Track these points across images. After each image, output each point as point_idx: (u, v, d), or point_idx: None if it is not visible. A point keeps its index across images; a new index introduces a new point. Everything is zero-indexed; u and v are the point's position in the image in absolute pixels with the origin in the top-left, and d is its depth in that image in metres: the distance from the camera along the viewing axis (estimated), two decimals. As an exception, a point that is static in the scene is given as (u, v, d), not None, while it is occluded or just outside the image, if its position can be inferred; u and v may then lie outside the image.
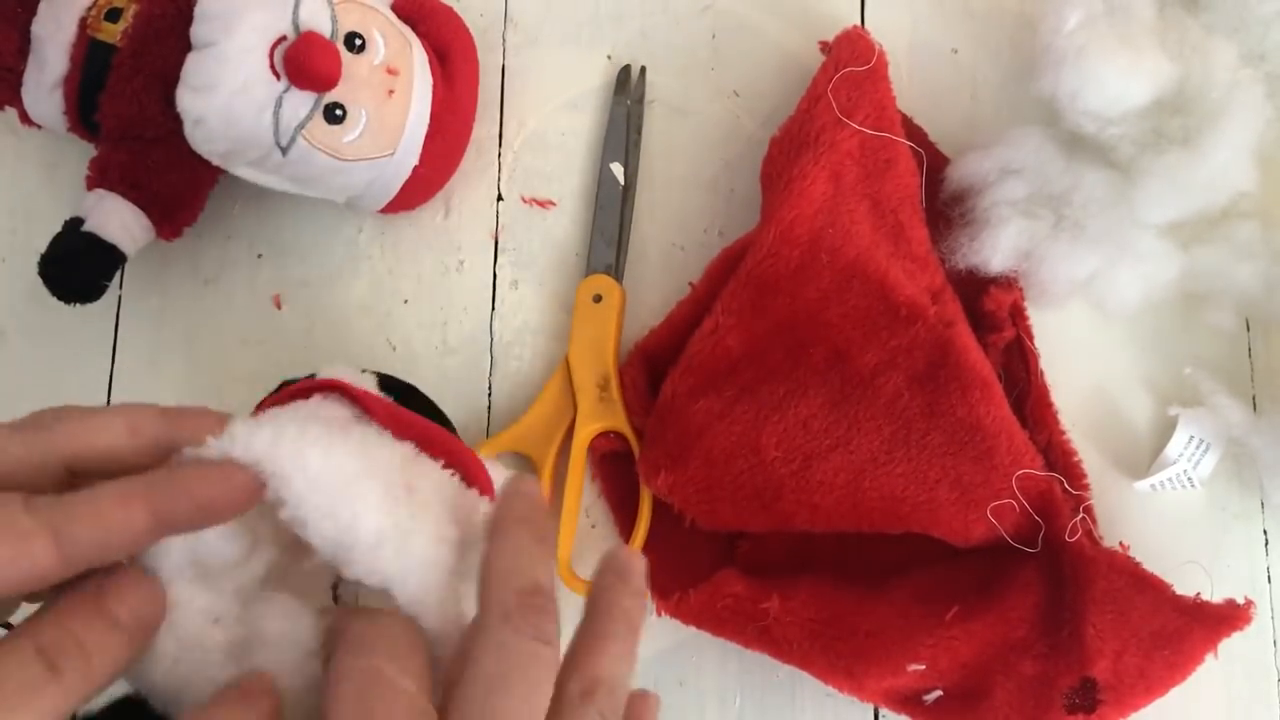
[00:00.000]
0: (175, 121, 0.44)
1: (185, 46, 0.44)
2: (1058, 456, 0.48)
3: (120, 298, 0.52)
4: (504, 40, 0.54)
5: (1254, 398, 0.50)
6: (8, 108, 0.50)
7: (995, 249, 0.47)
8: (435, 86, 0.48)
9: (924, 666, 0.44)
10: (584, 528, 0.49)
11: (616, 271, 0.51)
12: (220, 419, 0.27)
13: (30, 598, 0.25)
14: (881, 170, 0.48)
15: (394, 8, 0.50)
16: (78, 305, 0.46)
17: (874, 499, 0.45)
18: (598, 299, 0.50)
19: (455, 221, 0.53)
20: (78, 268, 0.45)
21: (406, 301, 0.52)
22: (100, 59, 0.46)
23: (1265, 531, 0.49)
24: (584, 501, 0.49)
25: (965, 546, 0.46)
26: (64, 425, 0.25)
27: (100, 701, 0.27)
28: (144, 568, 0.26)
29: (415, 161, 0.48)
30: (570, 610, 0.50)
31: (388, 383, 0.35)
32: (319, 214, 0.52)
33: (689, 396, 0.46)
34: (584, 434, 0.48)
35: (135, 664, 0.25)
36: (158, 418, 0.26)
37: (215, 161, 0.46)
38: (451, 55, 0.50)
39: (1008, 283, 0.49)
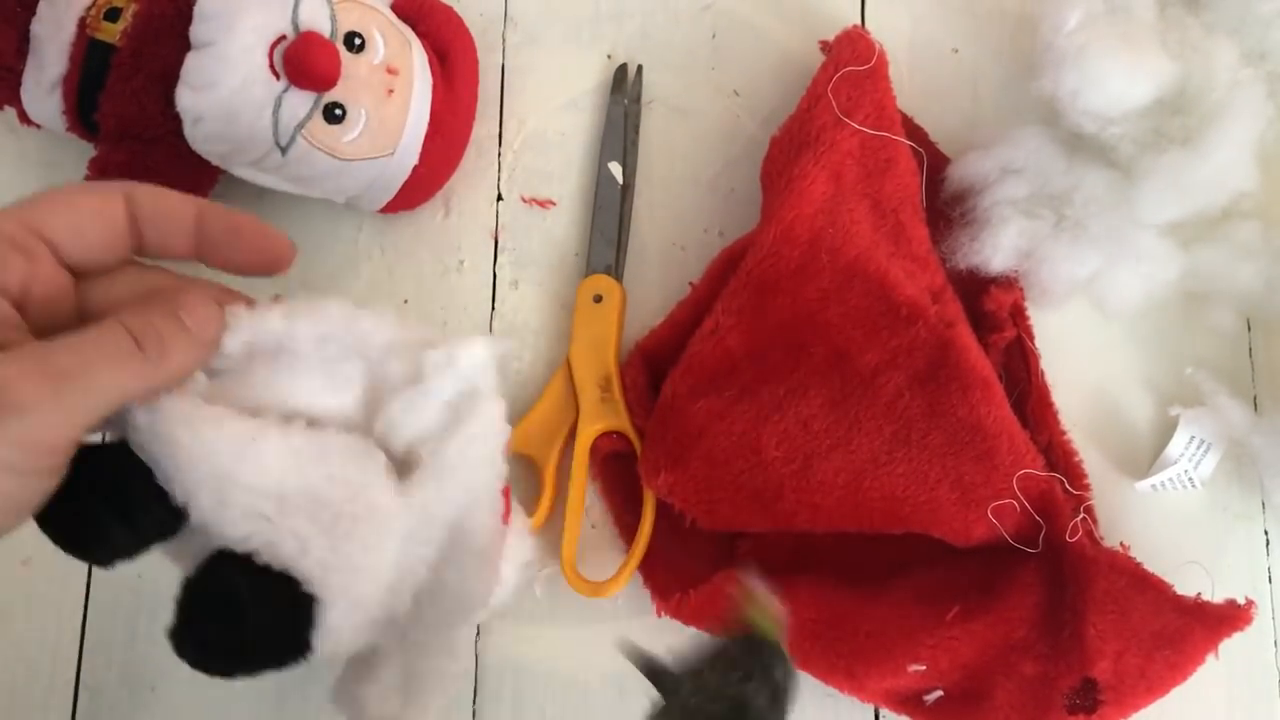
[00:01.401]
0: (175, 121, 0.44)
1: (185, 46, 0.44)
2: (1058, 456, 0.48)
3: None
4: (504, 40, 0.54)
5: (1255, 398, 0.50)
6: (7, 107, 0.50)
7: (996, 249, 0.47)
8: (435, 86, 0.48)
9: (924, 667, 0.44)
10: (585, 527, 0.49)
11: (617, 271, 0.51)
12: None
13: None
14: (882, 170, 0.48)
15: (394, 7, 0.50)
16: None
17: (874, 499, 0.45)
18: (598, 299, 0.50)
19: (455, 221, 0.53)
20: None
21: (406, 301, 0.52)
22: (99, 59, 0.46)
23: (1266, 532, 0.49)
24: (585, 501, 0.49)
25: (966, 547, 0.46)
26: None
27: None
28: None
29: (415, 161, 0.48)
30: (571, 609, 0.50)
31: None
32: (319, 214, 0.52)
33: (689, 396, 0.46)
34: (586, 434, 0.48)
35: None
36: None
37: (215, 161, 0.46)
38: (451, 55, 0.50)
39: (1008, 282, 0.49)
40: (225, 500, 0.28)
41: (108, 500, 0.28)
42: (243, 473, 0.28)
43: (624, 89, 0.53)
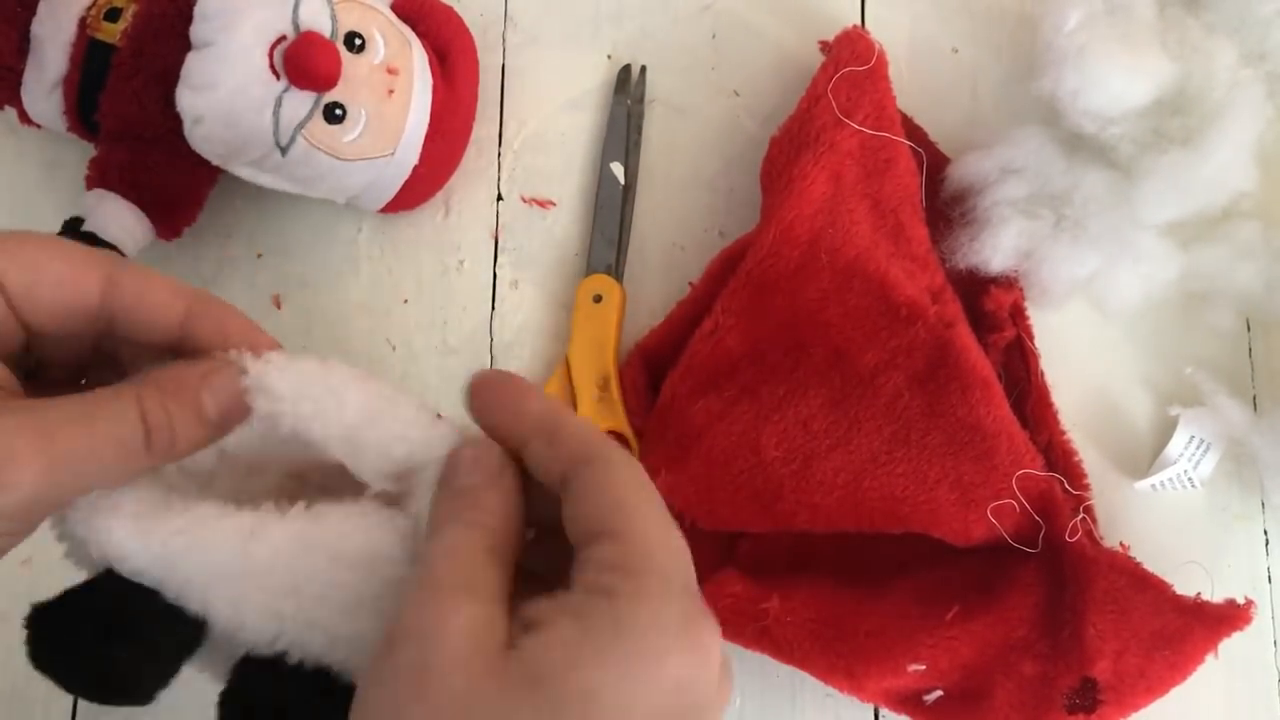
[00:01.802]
0: (175, 121, 0.44)
1: (185, 46, 0.44)
2: (1058, 456, 0.48)
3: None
4: (504, 40, 0.54)
5: (1254, 398, 0.50)
6: (7, 107, 0.50)
7: (995, 249, 0.47)
8: (435, 86, 0.48)
9: (924, 667, 0.44)
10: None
11: (616, 271, 0.51)
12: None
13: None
14: (881, 170, 0.48)
15: (394, 7, 0.50)
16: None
17: (874, 499, 0.45)
18: (598, 299, 0.50)
19: (455, 221, 0.53)
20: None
21: (406, 301, 0.52)
22: (100, 59, 0.46)
23: (1266, 532, 0.49)
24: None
25: (965, 546, 0.46)
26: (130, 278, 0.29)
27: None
28: None
29: (415, 161, 0.48)
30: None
31: None
32: (319, 214, 0.52)
33: (689, 396, 0.46)
34: (584, 434, 0.48)
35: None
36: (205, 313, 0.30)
37: (215, 161, 0.46)
38: (451, 55, 0.50)
39: (1008, 282, 0.49)
40: (241, 603, 0.27)
41: (124, 640, 0.26)
42: (251, 571, 0.27)
43: (628, 89, 0.53)
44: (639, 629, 0.24)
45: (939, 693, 0.45)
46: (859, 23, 0.54)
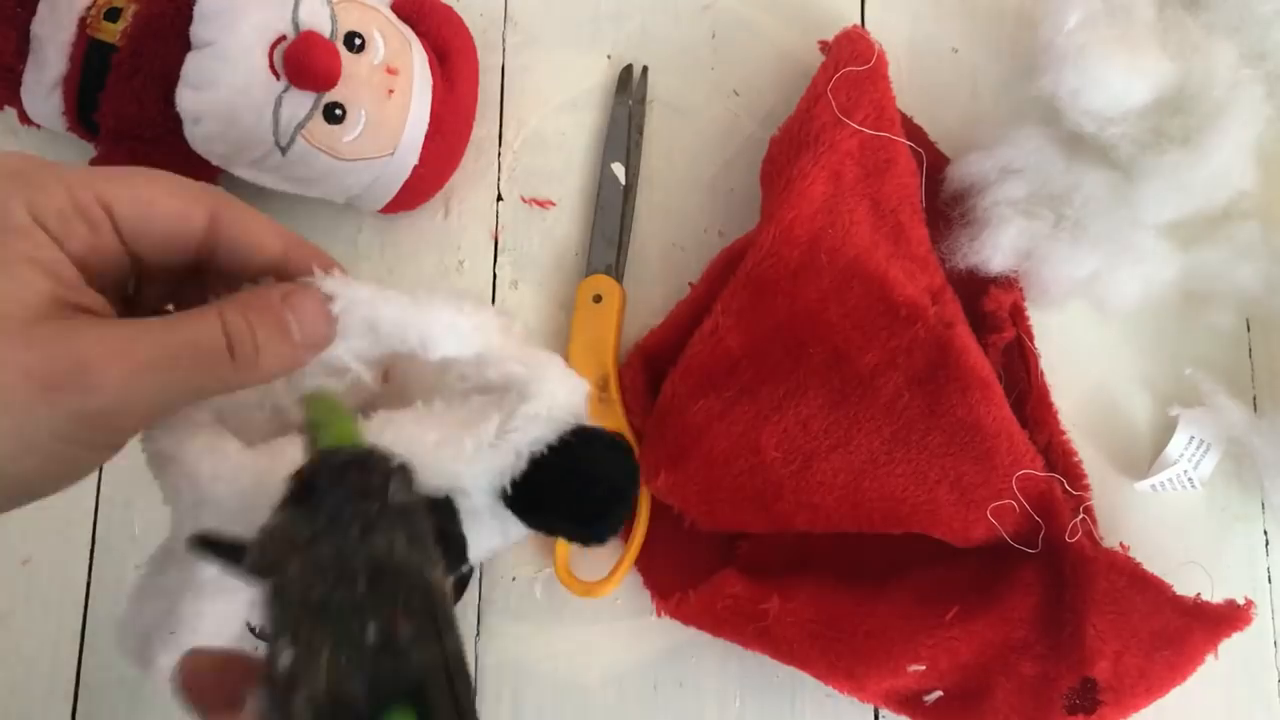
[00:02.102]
0: (175, 121, 0.44)
1: (185, 46, 0.44)
2: (1058, 457, 0.48)
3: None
4: (504, 40, 0.54)
5: (1254, 398, 0.50)
6: (7, 107, 0.50)
7: (995, 249, 0.47)
8: (435, 86, 0.48)
9: (924, 667, 0.44)
10: (584, 528, 0.49)
11: (617, 271, 0.51)
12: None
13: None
14: (881, 170, 0.48)
15: (394, 7, 0.50)
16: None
17: (874, 499, 0.45)
18: (598, 299, 0.50)
19: (455, 221, 0.53)
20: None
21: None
22: (99, 58, 0.46)
23: (1265, 532, 0.49)
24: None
25: (965, 547, 0.46)
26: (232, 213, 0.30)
27: None
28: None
29: (415, 161, 0.48)
30: (570, 609, 0.50)
31: None
32: (319, 214, 0.52)
33: (689, 397, 0.46)
34: (584, 434, 0.48)
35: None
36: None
37: (215, 161, 0.46)
38: (451, 55, 0.50)
39: (1008, 283, 0.49)
40: None
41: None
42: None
43: (628, 89, 0.53)
44: None
45: (939, 693, 0.45)
46: (859, 22, 0.54)
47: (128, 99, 0.46)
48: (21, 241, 0.26)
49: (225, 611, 0.32)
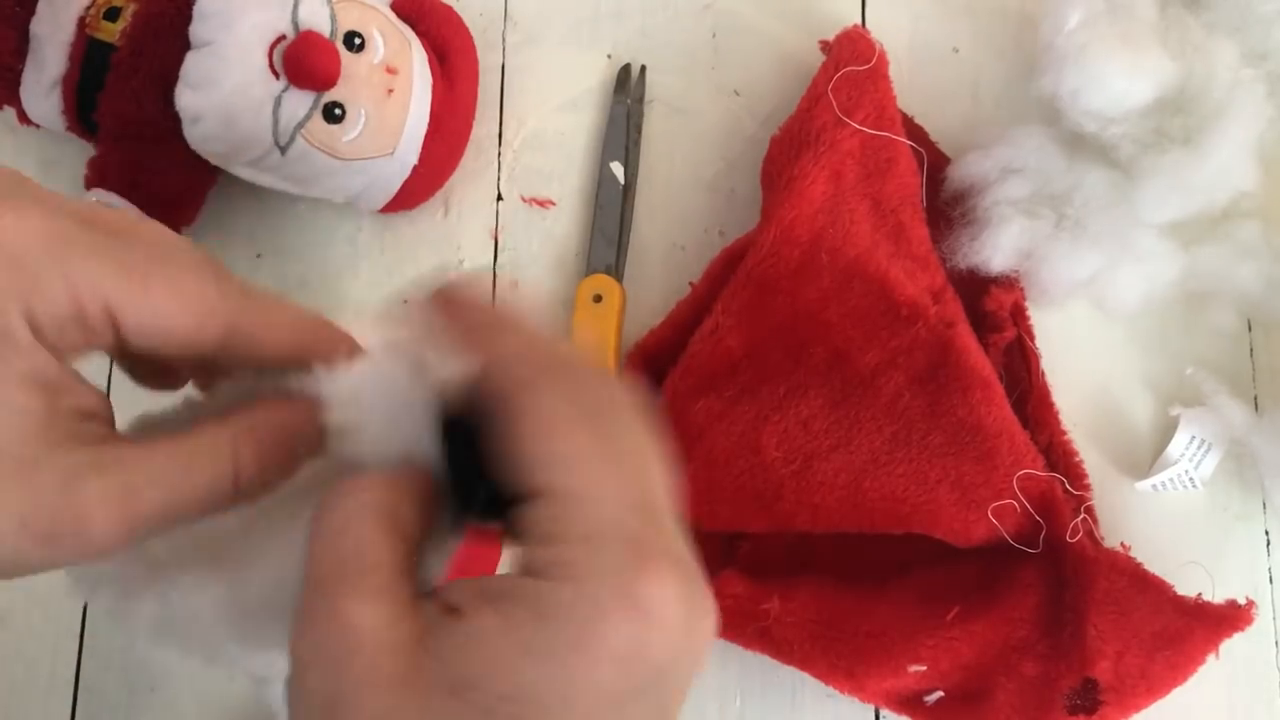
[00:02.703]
0: (174, 121, 0.44)
1: (184, 45, 0.44)
2: (1059, 457, 0.48)
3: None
4: (504, 39, 0.54)
5: (1255, 398, 0.50)
6: (6, 107, 0.50)
7: (996, 249, 0.47)
8: (435, 86, 0.48)
9: (925, 667, 0.44)
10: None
11: (617, 271, 0.51)
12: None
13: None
14: (882, 170, 0.48)
15: (393, 7, 0.50)
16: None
17: (875, 499, 0.45)
18: (598, 299, 0.50)
19: (455, 221, 0.53)
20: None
21: (406, 301, 0.52)
22: (99, 58, 0.46)
23: (1267, 532, 0.49)
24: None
25: (966, 547, 0.46)
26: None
27: None
28: None
29: (415, 161, 0.48)
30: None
31: None
32: (319, 214, 0.52)
33: (689, 396, 0.46)
34: (584, 434, 0.48)
35: None
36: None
37: (214, 161, 0.46)
38: (451, 54, 0.50)
39: (1009, 282, 0.49)
40: None
41: None
42: None
43: (627, 89, 0.53)
44: (563, 611, 0.22)
45: (940, 693, 0.45)
46: (860, 22, 0.54)
47: (127, 99, 0.46)
48: (16, 358, 0.24)
49: None
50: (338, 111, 0.45)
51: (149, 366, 0.29)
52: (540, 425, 0.23)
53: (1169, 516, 0.49)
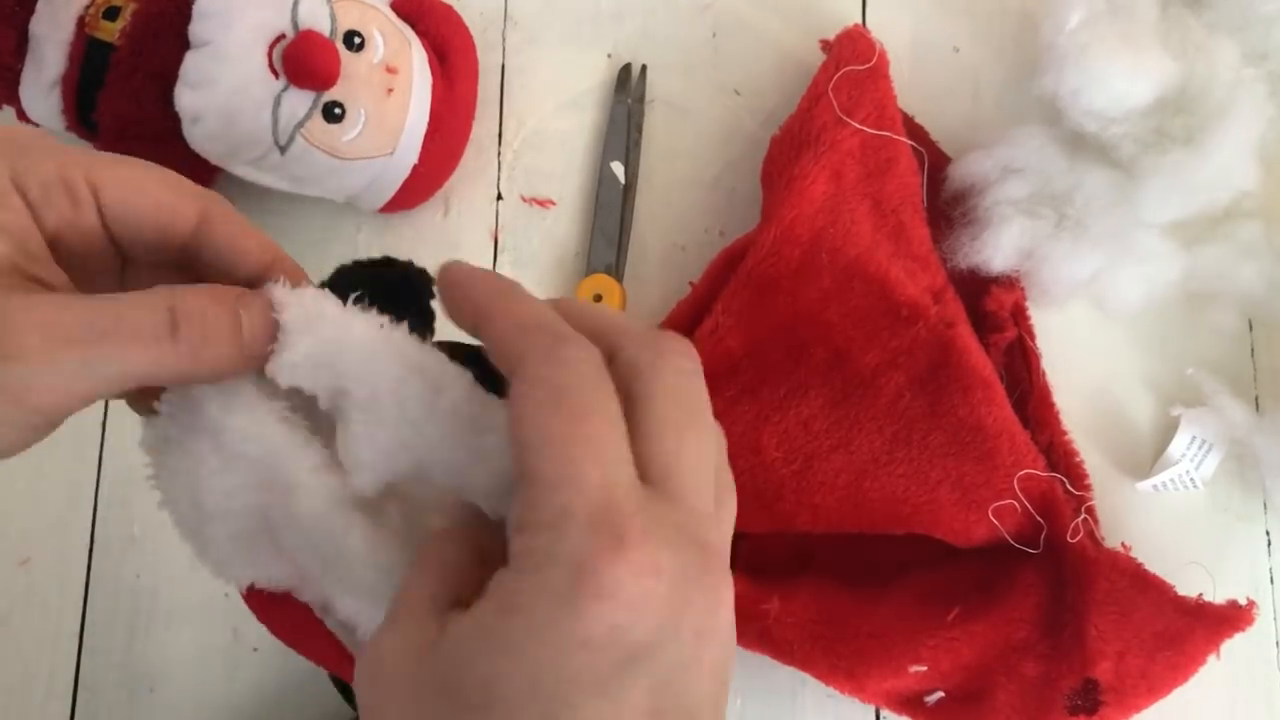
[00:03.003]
0: (174, 120, 0.44)
1: (184, 45, 0.44)
2: (1059, 457, 0.48)
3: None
4: (504, 39, 0.54)
5: (1257, 398, 0.50)
6: (6, 106, 0.50)
7: (997, 249, 0.47)
8: (435, 85, 0.48)
9: (925, 668, 0.44)
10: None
11: (617, 271, 0.51)
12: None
13: None
14: (882, 170, 0.48)
15: (393, 6, 0.49)
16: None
17: (875, 499, 0.45)
18: (598, 299, 0.50)
19: (455, 221, 0.53)
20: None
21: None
22: (98, 57, 0.46)
23: (1268, 532, 0.49)
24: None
25: (966, 547, 0.46)
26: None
27: None
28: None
29: (414, 160, 0.48)
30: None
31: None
32: (319, 214, 0.52)
33: (689, 397, 0.46)
34: (584, 434, 0.48)
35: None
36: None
37: (214, 160, 0.46)
38: (451, 54, 0.50)
39: (1009, 282, 0.49)
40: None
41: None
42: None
43: (628, 88, 0.53)
44: (525, 602, 0.22)
45: (940, 694, 0.45)
46: (860, 22, 0.54)
47: (127, 98, 0.46)
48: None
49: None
50: (337, 111, 0.45)
51: (138, 270, 0.29)
52: (518, 411, 0.23)
53: (1170, 517, 0.49)
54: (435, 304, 0.28)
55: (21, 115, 0.49)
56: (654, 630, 0.22)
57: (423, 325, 0.29)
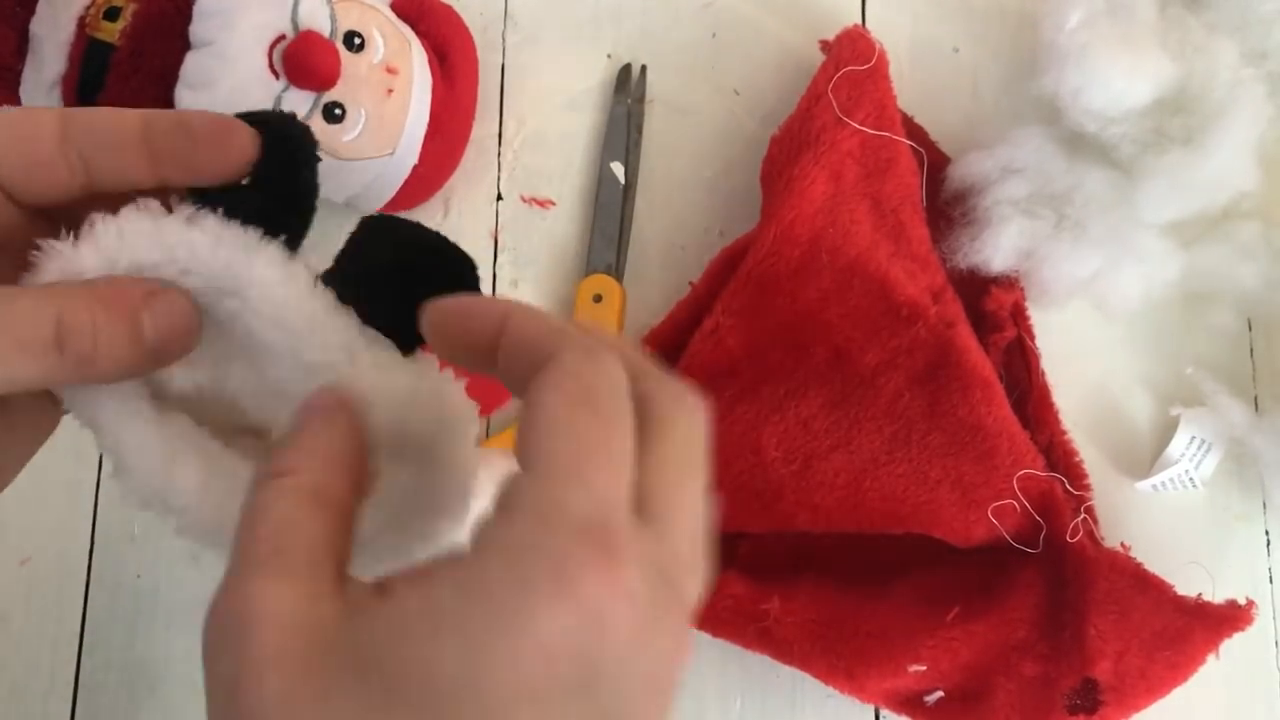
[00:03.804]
0: (174, 121, 0.44)
1: (184, 45, 0.44)
2: (1059, 457, 0.48)
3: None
4: (504, 39, 0.54)
5: (1256, 398, 0.50)
6: (5, 106, 0.50)
7: (996, 248, 0.47)
8: (435, 86, 0.48)
9: (925, 667, 0.44)
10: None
11: (617, 271, 0.51)
12: None
13: None
14: (882, 170, 0.48)
15: (393, 7, 0.50)
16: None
17: (875, 499, 0.45)
18: (598, 299, 0.50)
19: (455, 221, 0.53)
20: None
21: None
22: (99, 58, 0.46)
23: (1267, 532, 0.49)
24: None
25: (966, 547, 0.46)
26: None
27: None
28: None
29: (414, 161, 0.48)
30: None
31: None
32: (319, 214, 0.52)
33: (689, 396, 0.46)
34: (584, 434, 0.48)
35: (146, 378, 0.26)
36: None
37: (214, 161, 0.46)
38: (451, 54, 0.50)
39: (1009, 282, 0.49)
40: None
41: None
42: None
43: (628, 89, 0.53)
44: (489, 587, 0.20)
45: (940, 693, 0.45)
46: (860, 22, 0.54)
47: (127, 99, 0.46)
48: None
49: None
50: (337, 111, 0.45)
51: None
52: (542, 397, 0.22)
53: (1169, 517, 0.49)
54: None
55: (22, 115, 0.49)
56: (611, 660, 0.20)
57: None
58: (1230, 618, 0.43)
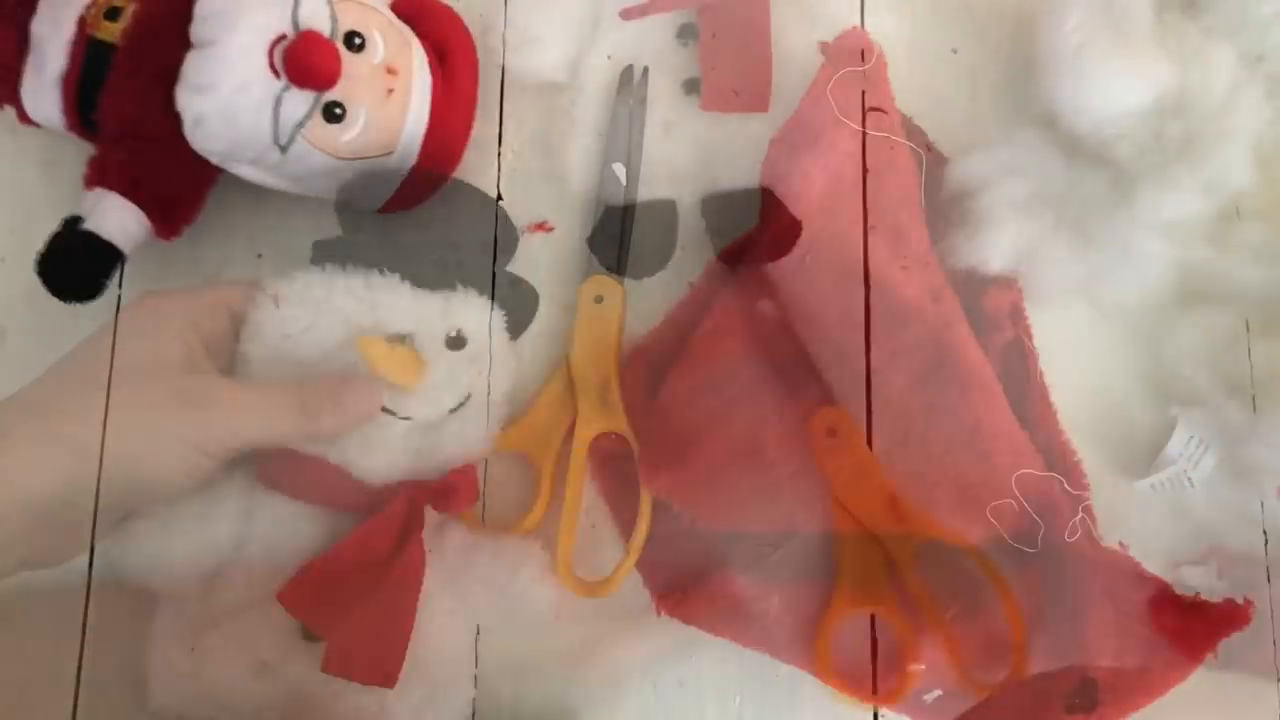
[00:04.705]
0: (175, 120, 0.44)
1: (185, 45, 0.44)
2: (1057, 456, 0.48)
3: (120, 297, 0.52)
4: (504, 39, 0.54)
5: (1254, 398, 0.50)
6: (6, 106, 0.50)
7: (995, 249, 0.47)
8: (434, 86, 0.48)
9: (924, 667, 0.44)
10: (584, 528, 0.49)
11: (617, 271, 0.51)
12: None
13: None
14: (881, 170, 0.48)
15: (393, 7, 0.50)
16: (76, 304, 0.46)
17: (874, 499, 0.45)
18: (599, 300, 0.50)
19: (455, 221, 0.53)
20: (75, 266, 0.45)
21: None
22: (99, 58, 0.46)
23: (1265, 532, 0.49)
24: (584, 502, 0.49)
25: (965, 546, 0.46)
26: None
27: None
28: None
29: (414, 161, 0.48)
30: (571, 609, 0.49)
31: None
32: (319, 214, 0.52)
33: (689, 396, 0.46)
34: (584, 435, 0.48)
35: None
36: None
37: (214, 160, 0.46)
38: (451, 54, 0.50)
39: (1007, 282, 0.49)
40: None
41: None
42: None
43: (629, 90, 0.53)
44: None
45: (939, 693, 0.45)
46: (858, 23, 0.54)
47: (127, 98, 0.46)
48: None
49: None
50: (338, 111, 0.45)
51: None
52: None
53: (1167, 516, 0.49)
54: None
55: (22, 115, 0.49)
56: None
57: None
58: (1228, 617, 0.43)
